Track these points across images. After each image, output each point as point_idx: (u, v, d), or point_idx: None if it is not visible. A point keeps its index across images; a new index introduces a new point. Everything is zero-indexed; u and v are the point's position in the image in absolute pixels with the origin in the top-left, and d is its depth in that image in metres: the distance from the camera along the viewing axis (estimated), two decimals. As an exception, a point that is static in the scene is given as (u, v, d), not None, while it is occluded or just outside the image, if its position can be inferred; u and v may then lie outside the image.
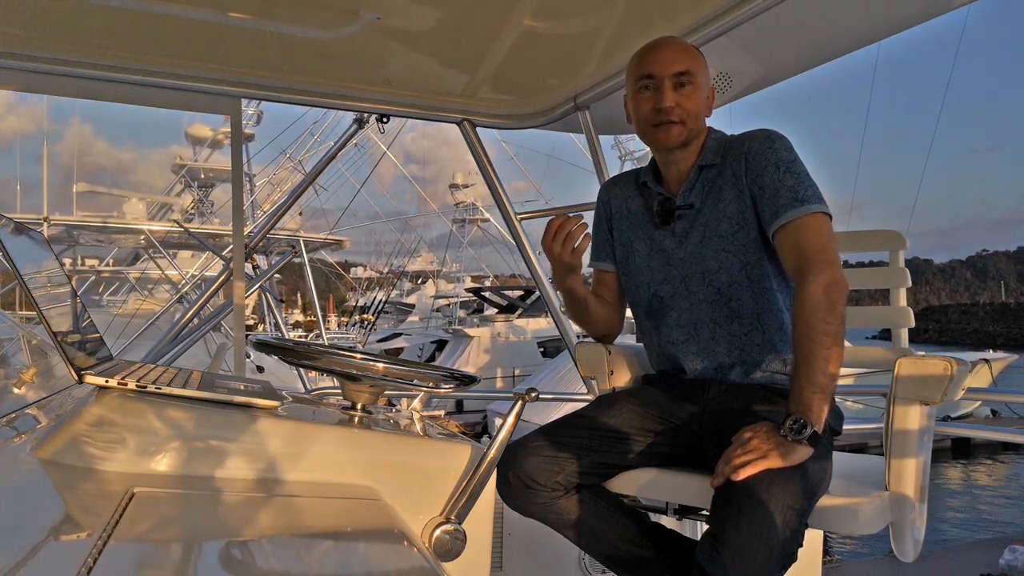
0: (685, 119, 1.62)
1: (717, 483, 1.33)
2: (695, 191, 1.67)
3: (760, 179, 1.57)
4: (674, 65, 1.61)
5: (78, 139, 51.53)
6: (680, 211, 1.68)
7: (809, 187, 1.54)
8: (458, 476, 1.31)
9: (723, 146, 1.67)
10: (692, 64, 1.62)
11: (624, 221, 1.81)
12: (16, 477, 0.97)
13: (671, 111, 1.61)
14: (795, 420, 1.34)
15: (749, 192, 1.59)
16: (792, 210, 1.52)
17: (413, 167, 69.19)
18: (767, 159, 1.57)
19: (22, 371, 1.64)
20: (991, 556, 5.17)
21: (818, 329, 1.39)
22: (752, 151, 1.60)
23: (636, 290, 1.77)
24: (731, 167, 1.62)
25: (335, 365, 1.37)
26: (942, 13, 1.94)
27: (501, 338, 18.96)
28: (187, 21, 2.13)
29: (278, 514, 1.06)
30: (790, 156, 1.57)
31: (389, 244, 33.03)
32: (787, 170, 1.55)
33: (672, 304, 1.69)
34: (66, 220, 13.02)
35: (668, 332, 1.70)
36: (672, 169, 1.71)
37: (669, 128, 1.62)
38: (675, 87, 1.61)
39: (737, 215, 1.60)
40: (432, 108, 2.78)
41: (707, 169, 1.66)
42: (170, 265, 13.11)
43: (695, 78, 1.62)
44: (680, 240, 1.67)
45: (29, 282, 1.21)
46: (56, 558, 0.74)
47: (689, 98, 1.62)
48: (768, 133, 1.62)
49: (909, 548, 1.48)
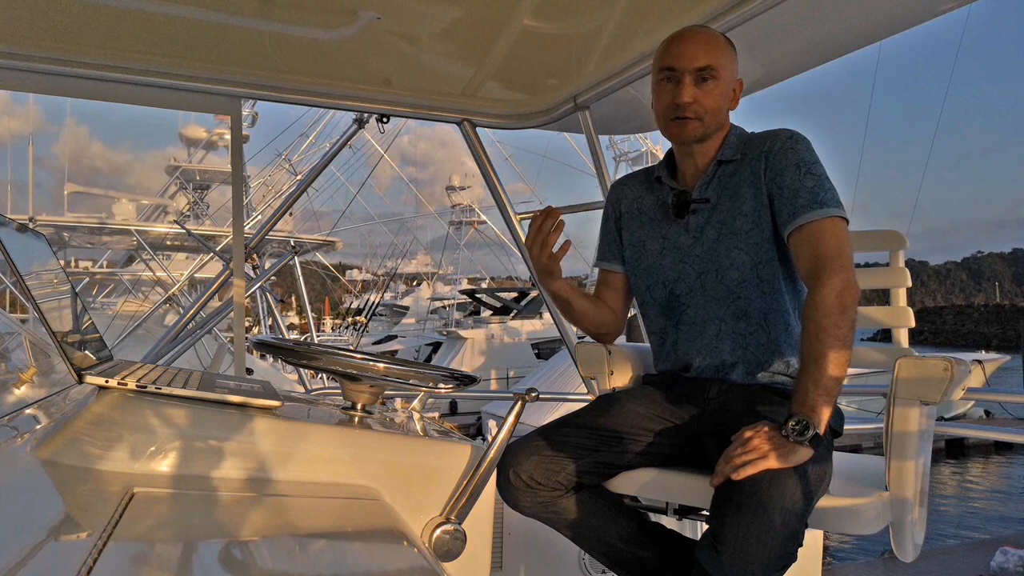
0: (703, 115, 1.60)
1: (717, 482, 1.33)
2: (712, 186, 1.66)
3: (780, 179, 1.57)
4: (696, 60, 1.59)
5: (71, 140, 51.41)
6: (695, 204, 1.66)
7: (829, 190, 1.54)
8: (458, 476, 1.31)
9: (743, 143, 1.66)
10: (716, 58, 1.60)
11: (635, 220, 1.80)
12: (16, 477, 0.97)
13: (688, 107, 1.59)
14: (798, 421, 1.33)
15: (767, 191, 1.58)
16: (810, 212, 1.52)
17: (410, 169, 69.19)
18: (788, 159, 1.57)
19: (22, 371, 1.63)
20: (983, 557, 5.18)
21: (829, 332, 1.39)
22: (773, 151, 1.59)
23: (650, 289, 1.76)
24: (750, 165, 1.62)
25: (336, 365, 1.37)
26: (942, 13, 1.94)
27: (495, 340, 18.98)
28: (187, 21, 2.13)
29: (278, 514, 1.05)
30: (811, 157, 1.57)
31: (384, 247, 33.03)
32: (808, 171, 1.55)
33: (688, 302, 1.68)
34: (53, 220, 12.96)
35: (686, 330, 1.69)
36: (689, 163, 1.69)
37: (685, 124, 1.61)
38: (696, 82, 1.59)
39: (753, 213, 1.60)
40: (432, 108, 2.78)
41: (725, 165, 1.65)
42: (160, 267, 13.07)
43: (718, 72, 1.60)
44: (695, 236, 1.67)
45: (29, 282, 1.20)
46: (56, 558, 0.73)
47: (709, 94, 1.60)
48: (791, 133, 1.61)
49: (909, 549, 1.49)
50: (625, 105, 2.68)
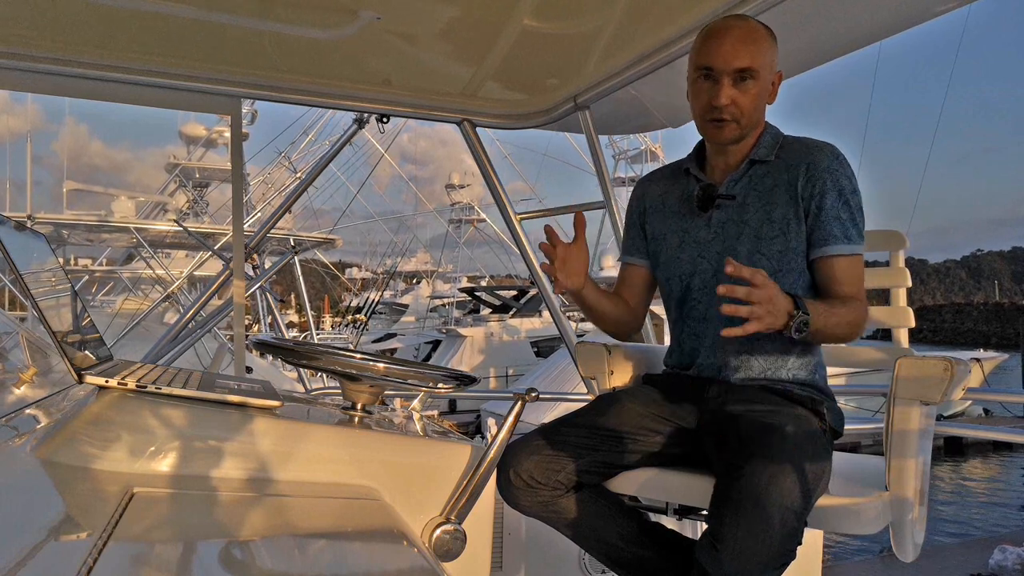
0: (739, 117, 1.58)
1: (728, 333, 1.36)
2: (740, 184, 1.64)
3: (821, 200, 1.56)
4: (735, 61, 1.55)
5: (71, 138, 51.34)
6: (721, 200, 1.65)
7: (859, 224, 1.58)
8: (458, 476, 1.31)
9: (779, 145, 1.64)
10: (756, 58, 1.56)
11: (658, 215, 1.79)
12: (16, 477, 0.97)
13: (726, 108, 1.57)
14: (805, 322, 1.39)
15: (805, 207, 1.58)
16: (839, 246, 1.56)
17: (410, 167, 69.13)
18: (832, 182, 1.56)
19: (22, 371, 1.63)
20: (981, 556, 5.17)
21: (843, 316, 1.51)
22: (817, 166, 1.58)
23: (669, 282, 1.76)
24: (788, 172, 1.60)
25: (336, 365, 1.37)
26: (942, 13, 1.94)
27: (495, 338, 18.97)
28: (187, 21, 2.12)
29: (278, 514, 1.06)
30: (851, 185, 1.58)
31: (384, 245, 33.02)
32: (845, 202, 1.57)
33: (700, 298, 1.68)
34: (52, 218, 12.94)
35: (693, 325, 1.69)
36: (720, 159, 1.68)
37: (722, 126, 1.59)
38: (734, 82, 1.56)
39: (782, 221, 1.59)
40: (432, 108, 2.78)
41: (758, 165, 1.64)
42: (159, 265, 13.05)
43: (757, 73, 1.57)
44: (716, 232, 1.66)
45: (28, 281, 1.20)
46: (56, 558, 0.73)
47: (747, 94, 1.57)
48: (835, 152, 1.60)
49: (909, 548, 1.49)
50: (625, 105, 2.68)
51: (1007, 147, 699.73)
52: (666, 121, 2.96)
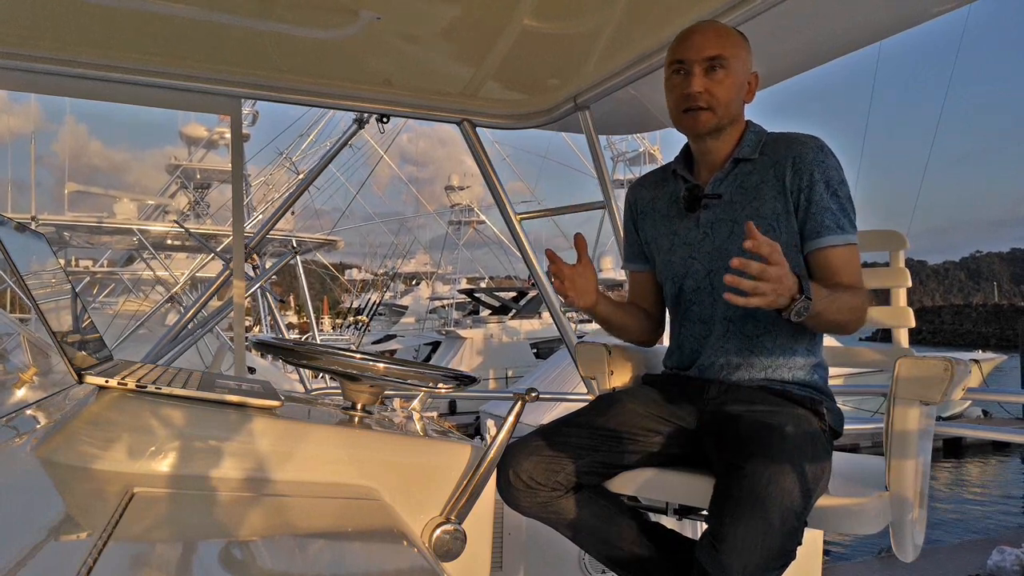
0: (714, 105, 1.59)
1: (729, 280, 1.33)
2: (726, 183, 1.65)
3: (809, 192, 1.56)
4: (704, 49, 1.57)
5: (72, 139, 51.36)
6: (707, 200, 1.66)
7: (850, 213, 1.57)
8: (458, 476, 1.31)
9: (762, 142, 1.65)
10: (725, 48, 1.58)
11: (649, 219, 1.80)
12: (16, 477, 0.97)
13: (698, 96, 1.58)
14: (806, 307, 1.37)
15: (794, 200, 1.58)
16: (832, 236, 1.55)
17: (410, 168, 69.19)
18: (819, 173, 1.56)
19: (22, 371, 1.63)
20: (980, 556, 5.17)
21: (846, 302, 1.49)
22: (803, 158, 1.58)
23: (664, 285, 1.77)
24: (773, 168, 1.60)
25: (336, 365, 1.37)
26: (942, 13, 1.94)
27: (494, 339, 18.97)
28: (187, 21, 2.12)
29: (278, 514, 1.06)
30: (839, 176, 1.58)
31: (384, 246, 33.04)
32: (834, 192, 1.56)
33: (695, 299, 1.68)
34: (56, 219, 12.95)
35: (690, 327, 1.70)
36: (706, 159, 1.68)
37: (697, 114, 1.59)
38: (705, 72, 1.58)
39: (772, 216, 1.59)
40: (432, 108, 2.78)
41: (743, 163, 1.64)
42: (161, 267, 13.06)
43: (728, 63, 1.58)
44: (705, 232, 1.66)
45: (29, 282, 1.20)
46: (56, 558, 0.73)
47: (720, 84, 1.58)
48: (819, 144, 1.60)
49: (909, 549, 1.49)
50: (625, 105, 2.68)
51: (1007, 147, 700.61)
52: (666, 121, 2.96)
